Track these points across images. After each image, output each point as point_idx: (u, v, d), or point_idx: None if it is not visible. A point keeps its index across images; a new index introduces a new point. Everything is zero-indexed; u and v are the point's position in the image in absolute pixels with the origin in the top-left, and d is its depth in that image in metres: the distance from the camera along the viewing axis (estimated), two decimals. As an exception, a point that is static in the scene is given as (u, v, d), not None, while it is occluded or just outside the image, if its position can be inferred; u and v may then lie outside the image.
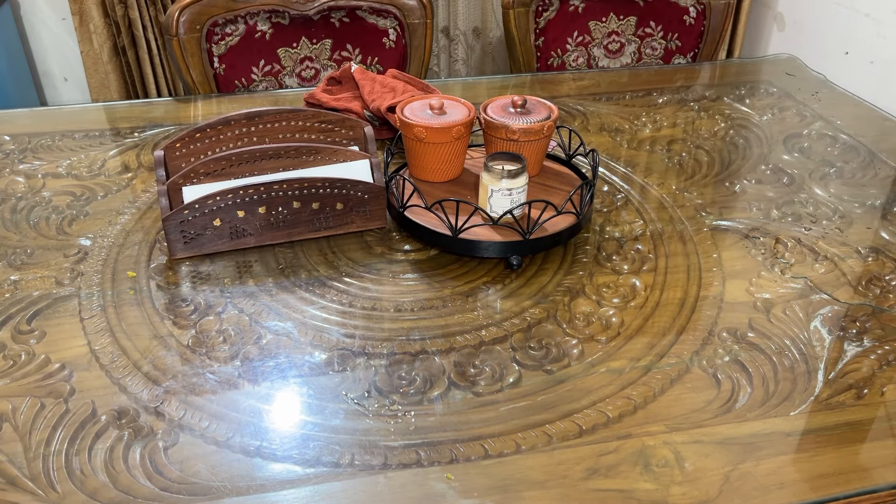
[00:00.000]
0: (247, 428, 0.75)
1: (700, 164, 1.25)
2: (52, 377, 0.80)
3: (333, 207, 1.02)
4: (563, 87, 1.55)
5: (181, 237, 0.98)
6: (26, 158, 1.23)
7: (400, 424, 0.76)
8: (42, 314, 0.90)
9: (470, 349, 0.85)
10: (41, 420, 0.75)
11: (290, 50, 1.62)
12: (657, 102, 1.48)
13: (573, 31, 1.77)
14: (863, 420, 0.77)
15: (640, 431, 0.75)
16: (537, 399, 0.79)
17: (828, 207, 1.13)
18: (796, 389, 0.80)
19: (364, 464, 0.71)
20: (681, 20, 1.79)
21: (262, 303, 0.92)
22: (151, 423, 0.75)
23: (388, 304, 0.92)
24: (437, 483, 0.70)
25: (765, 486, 0.69)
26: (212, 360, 0.83)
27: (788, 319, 0.90)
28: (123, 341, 0.85)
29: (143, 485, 0.69)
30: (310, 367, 0.83)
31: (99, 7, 2.13)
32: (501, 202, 0.99)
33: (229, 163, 1.01)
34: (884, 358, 0.85)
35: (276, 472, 0.71)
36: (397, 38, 1.66)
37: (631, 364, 0.83)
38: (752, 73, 1.64)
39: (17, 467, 0.70)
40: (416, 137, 1.05)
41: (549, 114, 1.08)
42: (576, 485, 0.70)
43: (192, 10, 1.50)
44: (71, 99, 2.46)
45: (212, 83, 1.57)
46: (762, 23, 2.38)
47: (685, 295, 0.94)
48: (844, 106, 1.47)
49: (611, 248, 1.03)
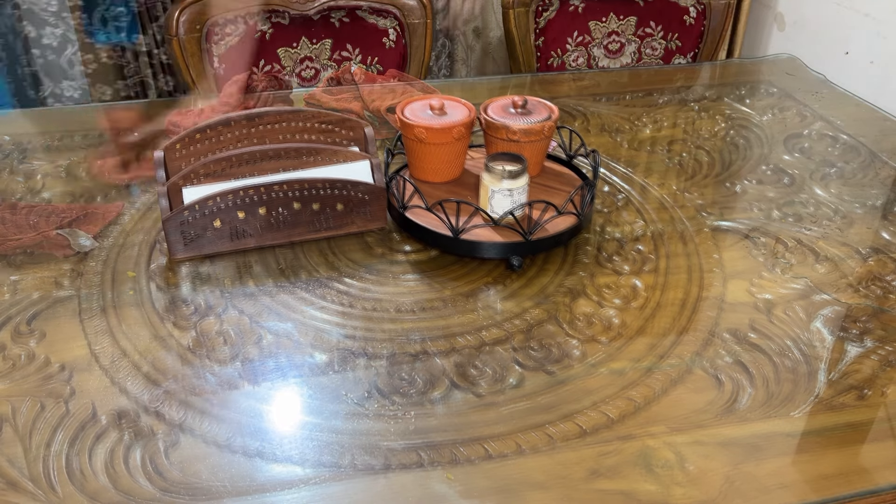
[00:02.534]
0: (247, 429, 0.75)
1: (700, 165, 1.25)
2: (51, 378, 0.80)
3: (334, 208, 1.02)
4: (563, 88, 1.55)
5: (181, 238, 0.97)
6: (25, 159, 1.23)
7: (401, 425, 0.76)
8: (42, 315, 0.89)
9: (471, 350, 0.85)
10: (41, 421, 0.75)
11: (290, 50, 1.62)
12: (657, 103, 1.48)
13: (573, 31, 1.77)
14: (864, 421, 0.77)
15: (642, 432, 0.75)
16: (538, 400, 0.79)
17: (828, 208, 1.13)
18: (798, 390, 0.80)
19: (365, 465, 0.71)
20: (681, 20, 1.79)
21: (262, 304, 0.92)
22: (152, 425, 0.75)
23: (388, 304, 0.92)
24: (438, 484, 0.70)
25: (766, 487, 0.69)
26: (212, 361, 0.83)
27: (790, 320, 0.90)
28: (123, 342, 0.85)
29: (143, 486, 0.69)
30: (310, 368, 0.83)
31: (98, 7, 2.13)
32: (502, 203, 0.99)
33: (229, 163, 1.01)
34: (885, 359, 0.85)
35: (277, 473, 0.71)
36: (397, 38, 1.66)
37: (632, 365, 0.83)
38: (752, 73, 1.64)
39: (18, 469, 0.70)
40: (417, 138, 1.05)
41: (549, 114, 1.08)
42: (577, 486, 0.69)
43: (192, 9, 1.50)
44: (71, 99, 2.45)
45: (212, 83, 1.57)
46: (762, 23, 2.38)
47: (686, 295, 0.94)
48: (845, 106, 1.47)
49: (612, 249, 1.03)
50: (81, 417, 0.75)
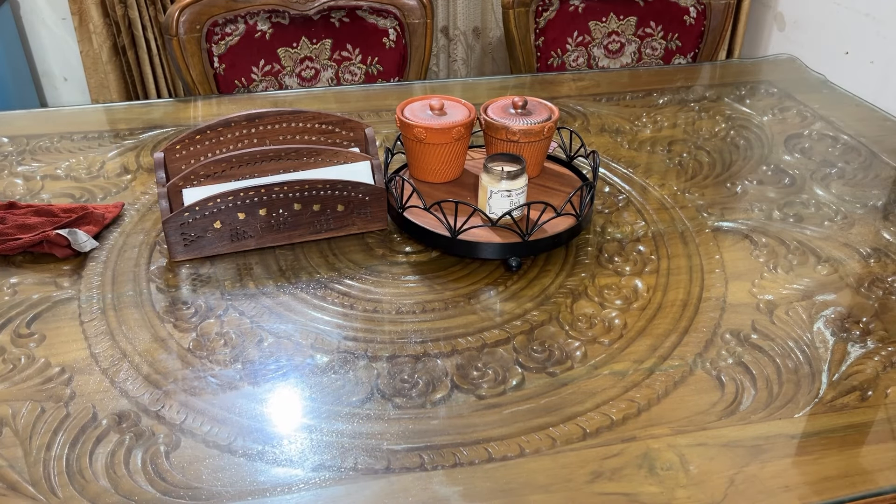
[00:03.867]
0: (248, 431, 0.75)
1: (701, 165, 1.25)
2: (52, 381, 0.80)
3: (334, 209, 1.02)
4: (563, 88, 1.54)
5: (181, 239, 0.97)
6: (25, 160, 1.23)
7: (402, 427, 0.75)
8: (42, 317, 0.89)
9: (472, 351, 0.85)
10: (41, 424, 0.75)
11: (290, 50, 1.62)
12: (657, 103, 1.47)
13: (573, 31, 1.76)
14: (867, 422, 0.77)
15: (644, 434, 0.75)
16: (540, 402, 0.79)
17: (829, 208, 1.13)
18: (800, 391, 0.80)
19: (366, 467, 0.71)
20: (681, 20, 1.79)
21: (262, 305, 0.92)
22: (152, 427, 0.75)
23: (389, 306, 0.92)
24: (441, 487, 0.69)
25: (770, 489, 0.69)
26: (213, 363, 0.83)
27: (791, 321, 0.90)
28: (124, 344, 0.85)
29: (144, 489, 0.68)
30: (311, 369, 0.82)
31: (98, 7, 2.13)
32: (501, 203, 0.98)
33: (230, 165, 1.01)
34: (888, 360, 0.85)
35: (278, 475, 0.70)
36: (397, 38, 1.65)
37: (634, 366, 0.83)
38: (753, 73, 1.64)
39: (18, 472, 0.70)
40: (416, 138, 1.05)
41: (549, 115, 1.08)
42: (580, 488, 0.69)
43: (192, 9, 1.50)
44: (70, 99, 2.45)
45: (212, 83, 1.57)
46: (762, 23, 2.38)
47: (688, 296, 0.94)
48: (845, 106, 1.47)
49: (612, 250, 1.03)
50: (82, 420, 0.75)
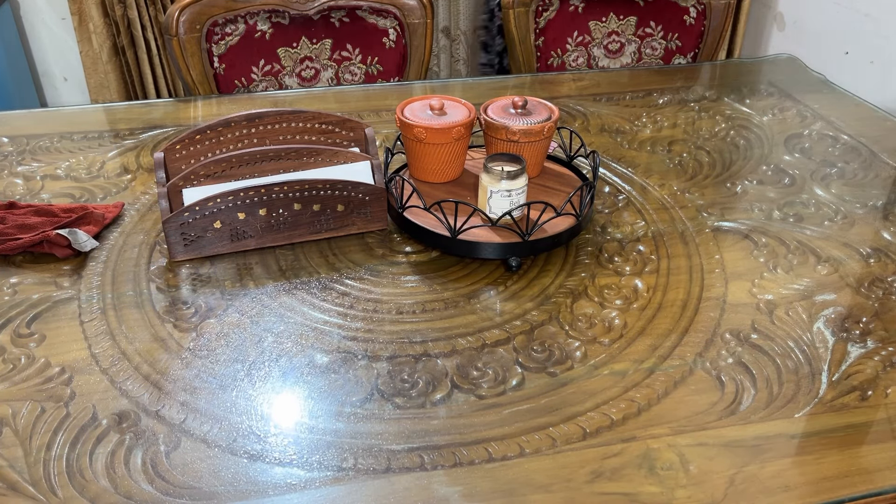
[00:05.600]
0: (248, 431, 0.75)
1: (701, 165, 1.25)
2: (52, 381, 0.80)
3: (334, 209, 1.02)
4: (563, 88, 1.54)
5: (181, 239, 0.97)
6: (24, 160, 1.23)
7: (402, 427, 0.75)
8: (42, 317, 0.89)
9: (472, 351, 0.85)
10: (41, 424, 0.75)
11: (290, 50, 1.62)
12: (657, 103, 1.47)
13: (573, 31, 1.76)
14: (867, 422, 0.77)
15: (644, 434, 0.75)
16: (540, 402, 0.79)
17: (829, 208, 1.13)
18: (800, 391, 0.80)
19: (367, 468, 0.71)
20: (681, 20, 1.79)
21: (262, 305, 0.92)
22: (153, 427, 0.75)
23: (389, 306, 0.92)
24: (441, 487, 0.69)
25: (770, 489, 0.69)
26: (213, 363, 0.83)
27: (791, 321, 0.90)
28: (124, 344, 0.85)
29: (144, 489, 0.68)
30: (311, 369, 0.82)
31: (98, 7, 2.13)
32: (500, 203, 0.99)
33: (230, 165, 1.01)
34: (888, 360, 0.85)
35: (278, 475, 0.70)
36: (397, 38, 1.65)
37: (634, 366, 0.83)
38: (753, 73, 1.64)
39: (18, 472, 0.70)
40: (416, 138, 1.05)
41: (549, 115, 1.08)
42: (580, 488, 0.69)
43: (192, 9, 1.50)
44: (70, 99, 2.45)
45: (212, 83, 1.57)
46: (762, 23, 2.38)
47: (688, 296, 0.94)
48: (845, 106, 1.47)
49: (612, 250, 1.03)
50: (82, 420, 0.75)
